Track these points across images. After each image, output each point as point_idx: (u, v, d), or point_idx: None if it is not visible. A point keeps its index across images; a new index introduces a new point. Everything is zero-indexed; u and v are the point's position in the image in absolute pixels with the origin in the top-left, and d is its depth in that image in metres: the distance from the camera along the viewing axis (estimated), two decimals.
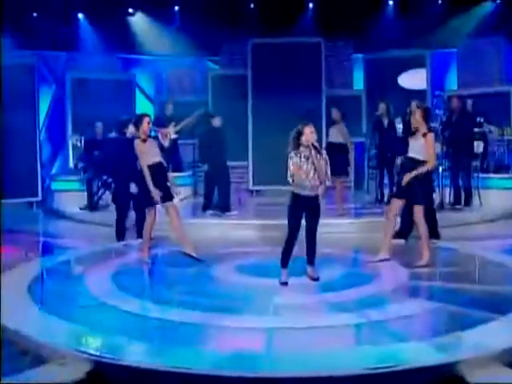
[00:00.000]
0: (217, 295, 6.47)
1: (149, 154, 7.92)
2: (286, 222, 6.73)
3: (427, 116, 7.76)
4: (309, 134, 6.59)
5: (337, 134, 11.01)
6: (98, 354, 4.77)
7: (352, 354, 4.83)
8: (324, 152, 6.76)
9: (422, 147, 7.59)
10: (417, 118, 7.71)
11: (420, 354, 4.72)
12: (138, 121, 8.07)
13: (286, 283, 6.73)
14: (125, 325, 5.60)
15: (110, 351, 4.83)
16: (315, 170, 6.57)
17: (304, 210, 6.68)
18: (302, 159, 6.58)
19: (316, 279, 6.84)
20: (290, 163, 6.59)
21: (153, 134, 13.43)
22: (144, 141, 7.95)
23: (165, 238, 9.04)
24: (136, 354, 4.82)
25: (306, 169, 6.59)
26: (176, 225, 8.02)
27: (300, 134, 6.59)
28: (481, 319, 5.38)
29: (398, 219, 8.36)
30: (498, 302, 6.10)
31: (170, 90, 15.83)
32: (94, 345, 5.04)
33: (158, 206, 8.04)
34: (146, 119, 8.06)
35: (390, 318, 5.59)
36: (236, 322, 5.53)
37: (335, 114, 11.15)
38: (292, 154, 6.61)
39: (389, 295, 6.40)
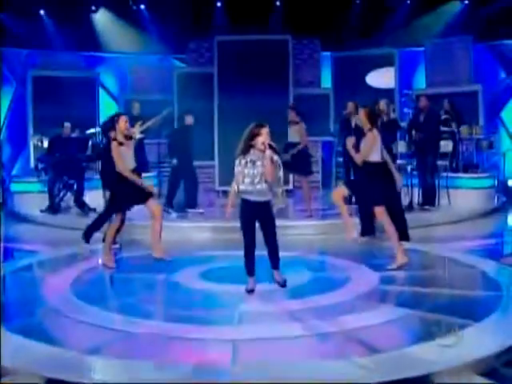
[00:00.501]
0: (179, 304, 6.24)
1: (126, 158, 7.58)
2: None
3: (372, 115, 7.59)
4: (266, 135, 6.22)
5: (295, 135, 10.85)
6: (51, 370, 4.47)
7: (320, 367, 4.59)
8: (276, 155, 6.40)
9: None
10: (360, 118, 7.62)
11: (392, 365, 4.54)
12: (113, 121, 7.68)
13: (252, 291, 6.47)
14: (81, 337, 5.32)
15: (64, 367, 4.53)
16: (262, 174, 6.18)
17: (255, 216, 6.34)
18: (248, 164, 6.22)
19: (283, 283, 6.55)
20: (236, 171, 6.30)
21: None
22: (121, 144, 7.55)
23: (130, 241, 8.85)
24: (92, 370, 4.56)
25: (251, 174, 6.23)
26: (157, 227, 7.77)
27: (255, 135, 6.22)
28: (454, 326, 5.19)
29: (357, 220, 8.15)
30: (471, 307, 6.00)
31: (135, 88, 15.46)
32: (47, 360, 4.69)
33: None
34: (123, 118, 7.66)
35: (360, 327, 5.39)
36: (199, 333, 5.29)
37: (291, 115, 11.02)
38: (237, 161, 6.26)
39: (359, 301, 6.21)
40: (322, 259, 8.26)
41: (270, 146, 6.21)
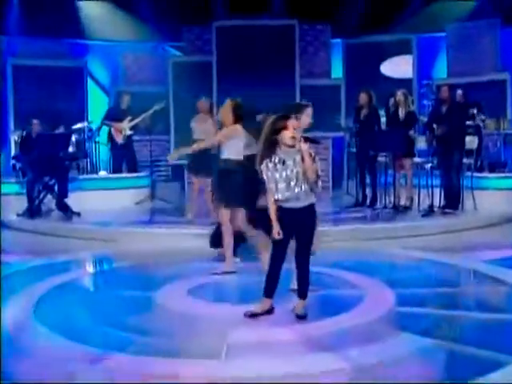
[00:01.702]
0: (157, 331, 5.31)
1: None
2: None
3: (237, 110, 6.99)
4: (292, 127, 5.21)
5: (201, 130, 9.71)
6: None
7: None
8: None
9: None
10: (223, 113, 7.00)
11: None
12: (298, 111, 6.37)
13: (255, 315, 5.44)
14: (39, 373, 4.37)
15: None
16: (299, 173, 5.22)
17: (292, 226, 5.35)
18: (278, 165, 5.23)
19: (303, 317, 5.44)
20: (266, 178, 5.30)
21: (105, 128, 12.55)
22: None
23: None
24: None
25: (285, 176, 5.22)
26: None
27: (280, 129, 5.19)
28: (491, 362, 4.34)
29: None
30: (510, 336, 5.10)
31: (127, 79, 14.78)
32: None
33: None
34: (309, 110, 6.53)
35: (376, 362, 4.51)
36: (174, 369, 4.41)
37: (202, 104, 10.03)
38: (263, 165, 5.27)
39: (374, 328, 5.29)
40: (330, 273, 7.16)
41: (306, 139, 5.27)
